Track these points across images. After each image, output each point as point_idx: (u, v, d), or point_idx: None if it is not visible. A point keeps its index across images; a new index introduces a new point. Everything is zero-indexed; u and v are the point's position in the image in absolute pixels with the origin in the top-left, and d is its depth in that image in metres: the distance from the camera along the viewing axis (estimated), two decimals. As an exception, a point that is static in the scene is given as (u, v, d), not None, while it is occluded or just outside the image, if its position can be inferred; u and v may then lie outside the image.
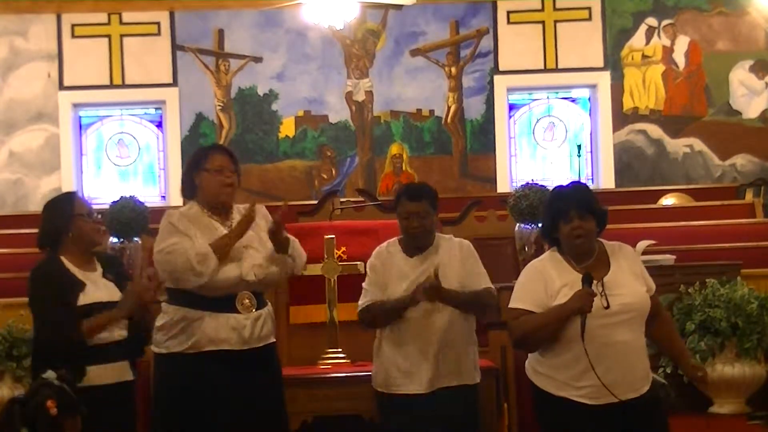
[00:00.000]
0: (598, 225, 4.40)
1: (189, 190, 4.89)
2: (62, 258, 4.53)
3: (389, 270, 4.93)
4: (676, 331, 4.95)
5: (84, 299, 4.45)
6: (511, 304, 4.42)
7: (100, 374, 4.42)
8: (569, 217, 4.32)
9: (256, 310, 4.75)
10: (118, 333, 4.52)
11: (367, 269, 5.07)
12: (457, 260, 4.95)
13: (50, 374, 3.84)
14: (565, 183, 4.63)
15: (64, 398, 3.73)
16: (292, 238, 4.83)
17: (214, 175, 4.79)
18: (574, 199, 4.37)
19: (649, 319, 4.41)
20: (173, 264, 4.63)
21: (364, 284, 5.03)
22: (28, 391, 3.80)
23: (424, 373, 4.83)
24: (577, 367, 4.25)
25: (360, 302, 5.01)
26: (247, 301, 4.72)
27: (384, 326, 4.94)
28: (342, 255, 6.33)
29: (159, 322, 4.75)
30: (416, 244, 4.94)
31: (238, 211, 4.88)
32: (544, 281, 4.34)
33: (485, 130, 12.28)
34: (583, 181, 10.52)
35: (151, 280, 4.54)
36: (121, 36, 12.19)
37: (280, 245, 4.74)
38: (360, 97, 12.28)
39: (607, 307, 4.26)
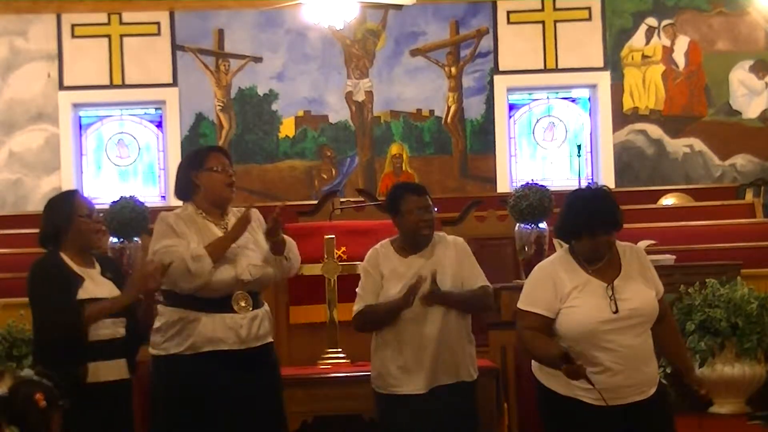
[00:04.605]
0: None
1: (184, 191, 4.89)
2: (62, 254, 4.54)
3: (383, 271, 4.91)
4: (680, 336, 4.95)
5: (82, 294, 4.45)
6: (521, 305, 4.39)
7: (99, 371, 4.42)
8: (596, 234, 4.29)
9: (253, 309, 4.74)
10: (117, 331, 4.52)
11: (360, 274, 5.06)
12: (452, 259, 4.93)
13: (27, 372, 3.86)
14: (588, 189, 4.49)
15: (48, 392, 3.74)
16: (288, 239, 4.82)
17: (218, 174, 4.80)
18: (606, 217, 4.30)
19: (654, 322, 4.39)
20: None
21: (357, 289, 5.02)
22: (10, 390, 3.81)
23: (422, 373, 4.81)
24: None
25: (354, 308, 5.00)
26: (243, 301, 4.72)
27: (379, 329, 4.93)
28: (342, 255, 6.33)
29: (156, 324, 4.74)
30: (424, 240, 4.89)
31: (233, 213, 4.89)
32: (554, 284, 4.31)
33: (485, 130, 12.29)
34: (584, 181, 10.54)
35: (157, 269, 4.51)
36: (121, 36, 12.20)
37: (277, 246, 4.74)
38: (360, 97, 12.29)
39: (616, 311, 4.25)
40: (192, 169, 4.85)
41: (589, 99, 12.52)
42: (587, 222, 4.28)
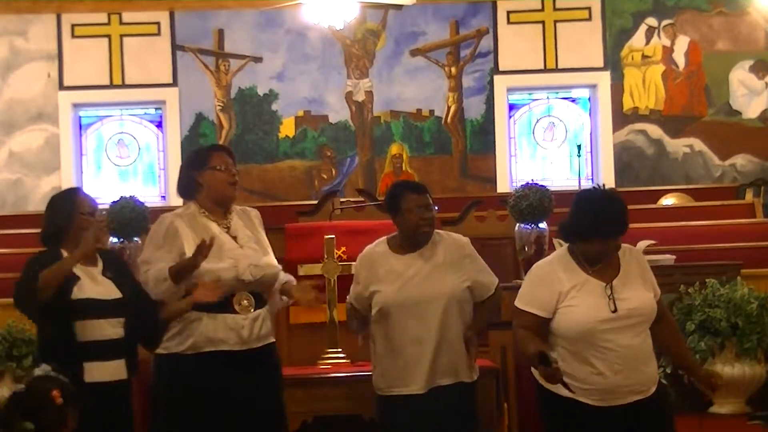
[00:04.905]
0: None
1: (187, 190, 4.89)
2: (63, 251, 4.53)
3: (378, 272, 4.89)
4: (681, 335, 4.94)
5: (78, 293, 4.43)
6: (518, 303, 4.39)
7: (94, 371, 4.41)
8: (606, 240, 4.29)
9: (255, 309, 4.75)
10: (114, 331, 4.51)
11: (353, 272, 5.07)
12: (454, 259, 4.89)
13: (44, 368, 3.85)
14: (597, 191, 4.46)
15: (64, 389, 3.74)
16: (290, 278, 5.00)
17: (221, 173, 4.80)
18: (615, 219, 4.30)
19: (653, 322, 4.39)
20: (143, 277, 4.70)
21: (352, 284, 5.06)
22: (26, 385, 3.80)
23: (421, 373, 4.80)
24: (582, 370, 4.24)
25: (347, 298, 5.08)
26: (245, 301, 4.72)
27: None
28: (342, 255, 6.32)
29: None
30: (424, 238, 4.87)
31: (236, 212, 4.89)
32: (552, 285, 4.30)
33: (485, 130, 12.29)
34: (584, 181, 10.55)
35: (209, 286, 4.59)
36: (121, 36, 12.20)
37: (287, 295, 4.95)
38: (360, 97, 12.29)
39: (615, 311, 4.25)
40: (195, 168, 4.85)
41: (589, 99, 12.52)
42: (595, 224, 4.27)
